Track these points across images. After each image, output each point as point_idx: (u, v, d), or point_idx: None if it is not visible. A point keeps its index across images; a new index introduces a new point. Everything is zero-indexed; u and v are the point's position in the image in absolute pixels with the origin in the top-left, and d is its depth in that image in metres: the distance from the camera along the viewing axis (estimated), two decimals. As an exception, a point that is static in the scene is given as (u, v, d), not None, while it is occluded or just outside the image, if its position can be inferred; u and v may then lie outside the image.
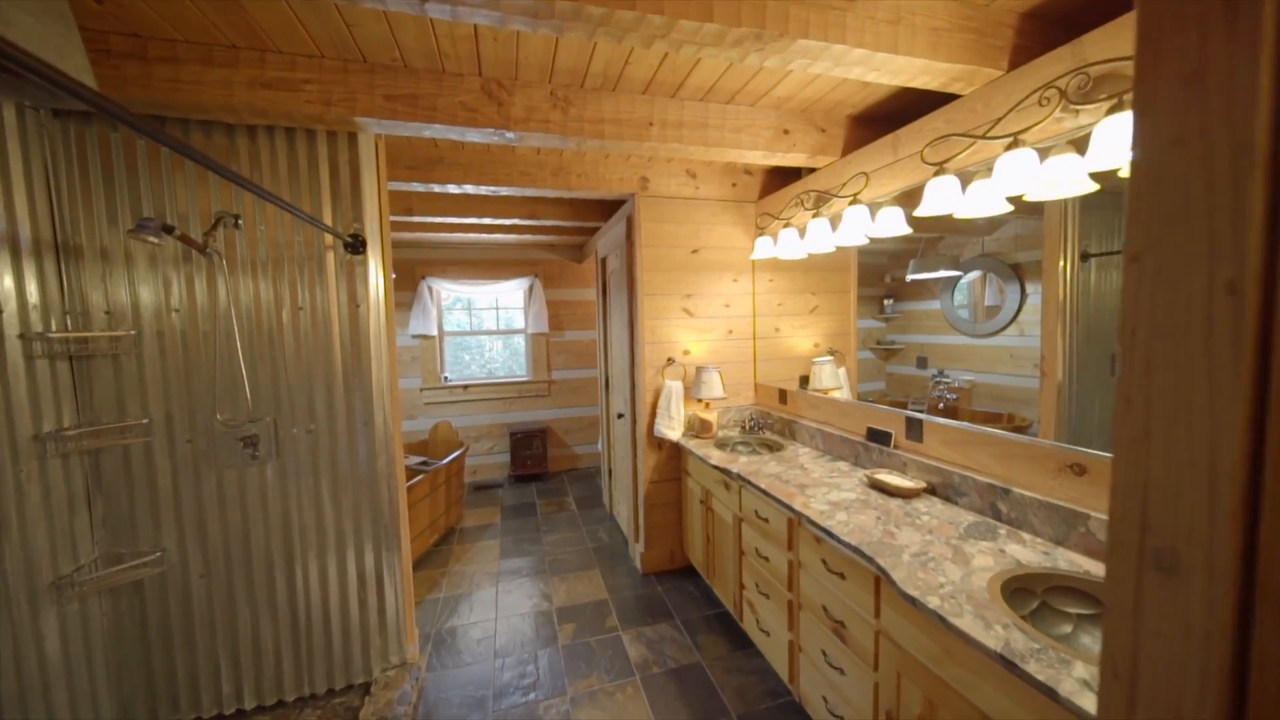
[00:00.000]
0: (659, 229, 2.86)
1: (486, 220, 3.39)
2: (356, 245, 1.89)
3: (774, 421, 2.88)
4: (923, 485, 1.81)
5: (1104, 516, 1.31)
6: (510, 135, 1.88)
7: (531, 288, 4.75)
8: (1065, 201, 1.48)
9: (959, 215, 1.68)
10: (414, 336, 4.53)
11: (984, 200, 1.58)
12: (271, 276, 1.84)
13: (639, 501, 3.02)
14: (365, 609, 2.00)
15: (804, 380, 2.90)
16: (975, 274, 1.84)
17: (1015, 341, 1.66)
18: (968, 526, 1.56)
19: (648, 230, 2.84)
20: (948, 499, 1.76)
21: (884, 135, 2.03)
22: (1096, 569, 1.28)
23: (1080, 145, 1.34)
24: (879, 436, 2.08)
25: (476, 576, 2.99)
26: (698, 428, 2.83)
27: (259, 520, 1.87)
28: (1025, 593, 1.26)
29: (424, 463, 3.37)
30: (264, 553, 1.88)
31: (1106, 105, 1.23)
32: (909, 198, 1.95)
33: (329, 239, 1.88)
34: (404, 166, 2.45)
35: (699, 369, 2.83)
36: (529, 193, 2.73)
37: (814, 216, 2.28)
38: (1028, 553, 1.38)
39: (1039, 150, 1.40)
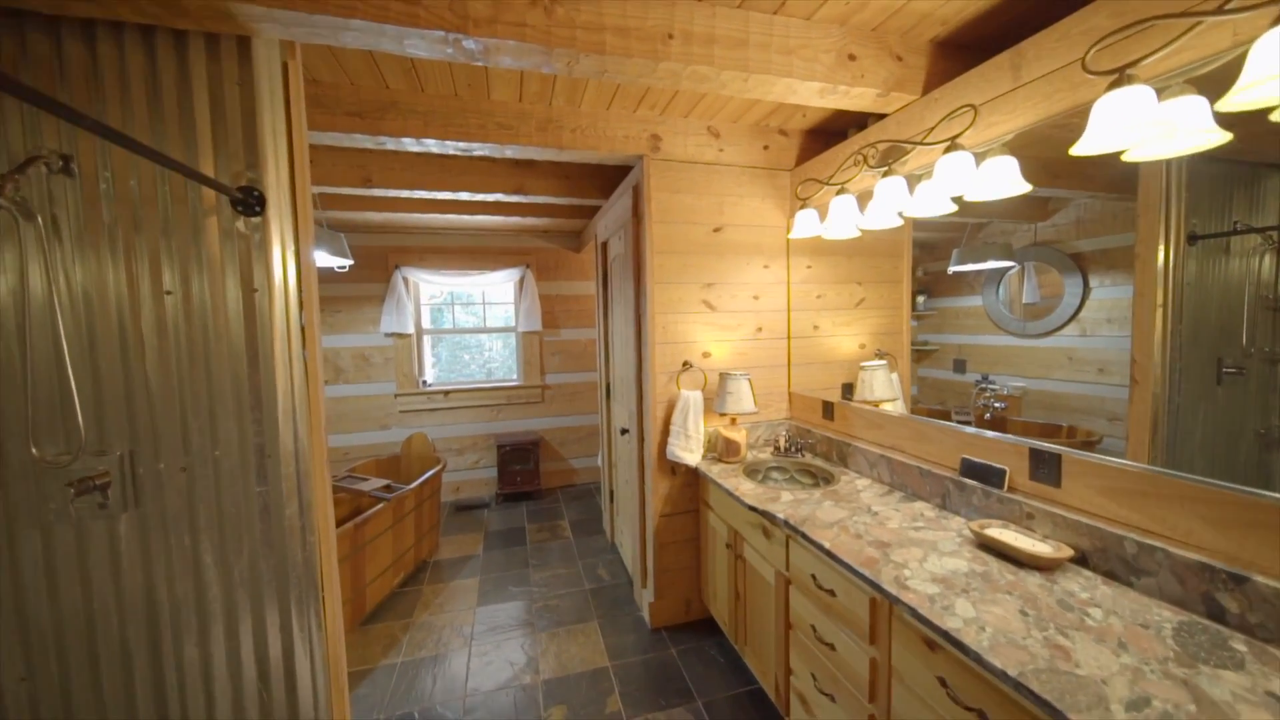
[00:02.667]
0: (674, 201, 2.29)
1: (464, 196, 2.82)
2: (249, 204, 1.32)
3: (816, 441, 2.31)
4: (1068, 553, 1.24)
5: None
6: (470, 44, 1.31)
7: (523, 280, 4.18)
8: (1166, 173, 1.18)
9: (1144, 154, 1.12)
10: (387, 335, 3.97)
11: (1192, 125, 1.02)
12: (123, 247, 1.28)
13: (647, 539, 2.45)
14: (268, 712, 1.43)
15: (847, 389, 2.34)
16: (1025, 265, 1.58)
17: (1075, 342, 1.42)
18: (1176, 633, 0.98)
19: (660, 202, 2.27)
20: (1112, 575, 1.19)
21: (982, 63, 1.46)
22: None
23: None
24: (983, 474, 1.51)
25: (446, 632, 2.42)
26: (721, 449, 2.26)
27: (109, 596, 1.31)
28: (1370, 801, 0.69)
29: (388, 486, 2.82)
30: (117, 642, 1.32)
31: None
32: (1024, 146, 1.39)
33: (210, 195, 1.32)
34: (344, 113, 1.89)
35: (723, 376, 2.26)
36: (510, 152, 2.16)
37: (885, 175, 1.71)
38: (1319, 700, 0.81)
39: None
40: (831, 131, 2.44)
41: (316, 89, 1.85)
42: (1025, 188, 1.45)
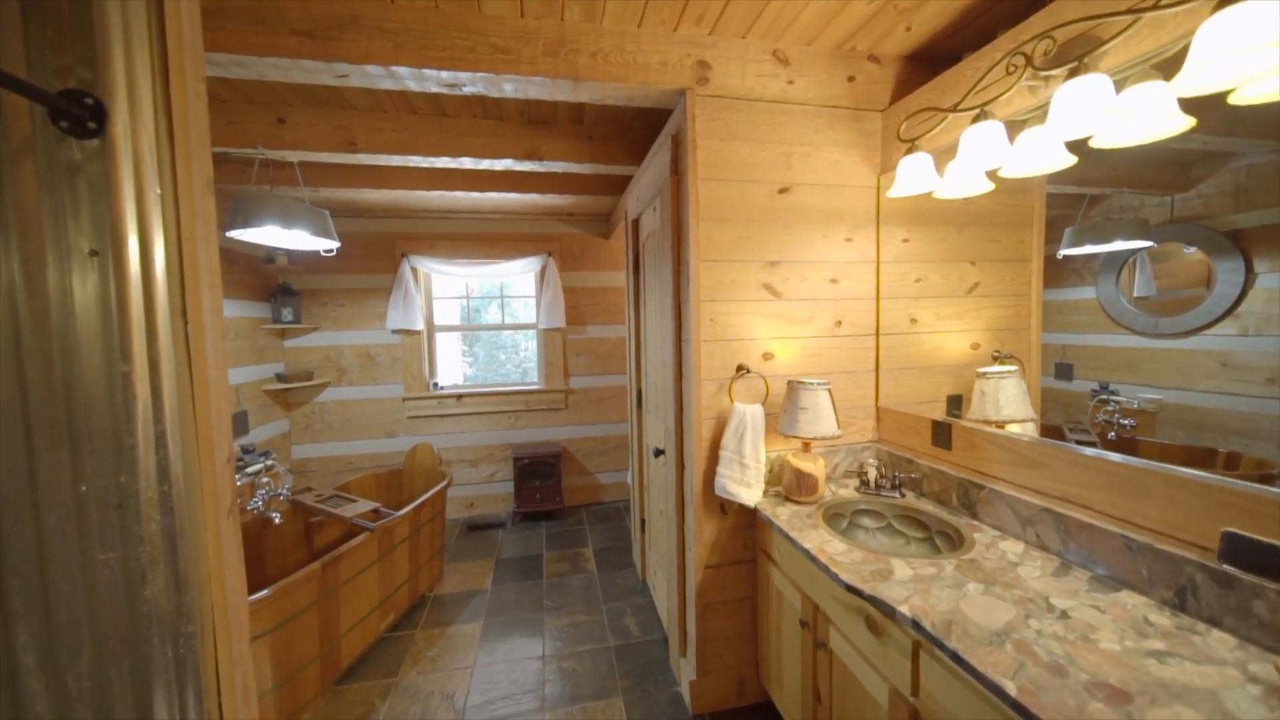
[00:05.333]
0: (726, 152, 1.73)
1: (467, 163, 2.35)
2: (78, 117, 0.85)
3: (922, 477, 1.68)
4: None
5: None
6: None
7: (544, 270, 3.70)
8: None
9: None
10: (394, 332, 3.57)
11: None
12: (-116, 184, 0.83)
13: (687, 596, 1.89)
14: None
15: (953, 403, 1.73)
16: (1138, 252, 1.29)
17: (1232, 344, 1.11)
18: None
19: (708, 153, 1.71)
20: None
21: None
22: None
23: None
24: (1276, 564, 0.87)
25: (434, 701, 1.94)
26: (789, 484, 1.68)
27: (-125, 720, 0.86)
28: None
29: (376, 511, 2.38)
30: (-111, 789, 0.87)
31: None
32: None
33: (19, 105, 0.86)
34: (288, 31, 1.42)
35: (793, 385, 1.68)
36: (510, 88, 1.65)
37: (1071, 76, 1.09)
38: None
39: None
40: (940, 57, 1.81)
41: (251, 0, 1.40)
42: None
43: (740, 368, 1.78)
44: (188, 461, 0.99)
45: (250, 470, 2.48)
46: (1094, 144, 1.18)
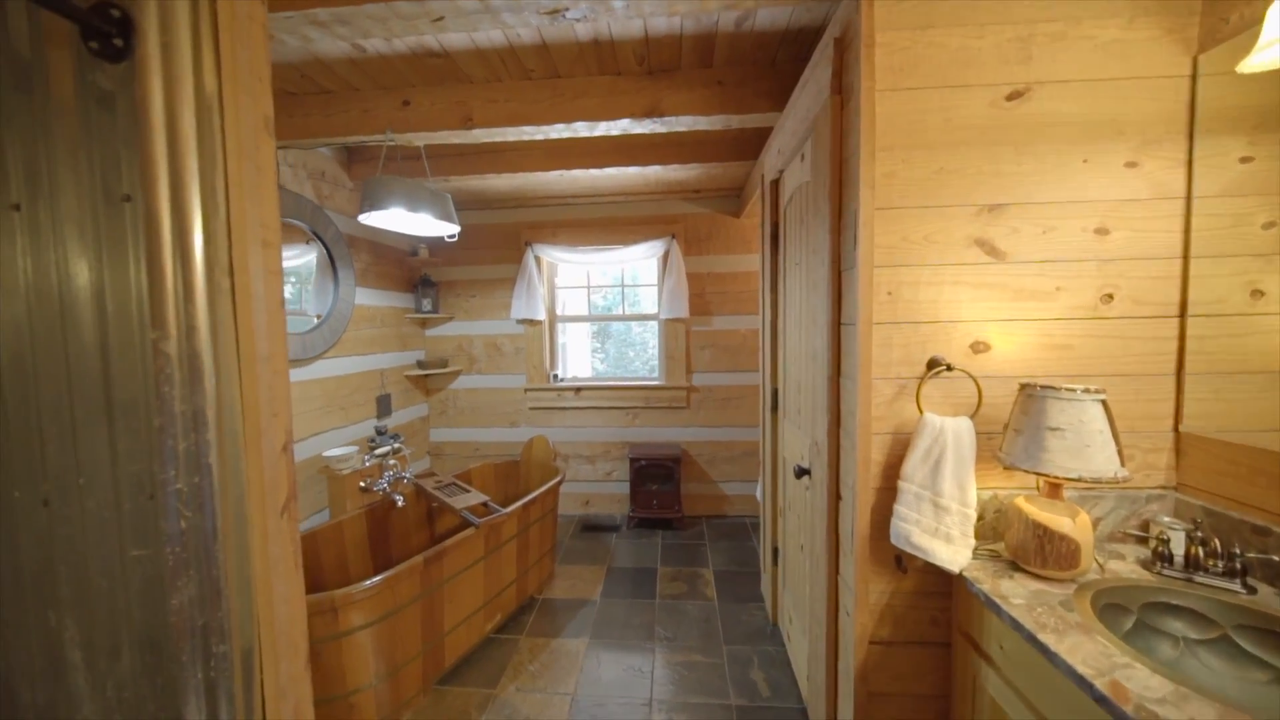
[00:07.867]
0: (920, 47, 1.19)
1: (581, 129, 2.11)
2: (104, 34, 0.71)
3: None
4: None
5: None
6: None
7: (667, 254, 3.38)
8: None
9: None
10: (519, 322, 3.56)
11: None
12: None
13: (840, 675, 1.39)
14: None
15: None
16: None
17: None
18: None
19: (892, 52, 1.19)
20: None
21: None
22: None
23: None
24: None
25: (528, 731, 1.72)
26: (1026, 545, 1.08)
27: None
28: None
29: (485, 505, 2.28)
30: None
31: None
32: None
33: (58, 26, 0.75)
34: (381, -30, 1.27)
35: (1033, 392, 1.08)
36: (620, 5, 1.32)
37: None
38: None
39: None
40: None
41: (348, -58, 1.27)
42: None
43: (934, 362, 1.22)
44: (228, 449, 0.80)
45: (379, 452, 2.58)
46: None
